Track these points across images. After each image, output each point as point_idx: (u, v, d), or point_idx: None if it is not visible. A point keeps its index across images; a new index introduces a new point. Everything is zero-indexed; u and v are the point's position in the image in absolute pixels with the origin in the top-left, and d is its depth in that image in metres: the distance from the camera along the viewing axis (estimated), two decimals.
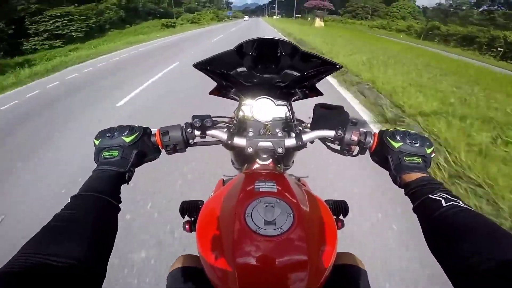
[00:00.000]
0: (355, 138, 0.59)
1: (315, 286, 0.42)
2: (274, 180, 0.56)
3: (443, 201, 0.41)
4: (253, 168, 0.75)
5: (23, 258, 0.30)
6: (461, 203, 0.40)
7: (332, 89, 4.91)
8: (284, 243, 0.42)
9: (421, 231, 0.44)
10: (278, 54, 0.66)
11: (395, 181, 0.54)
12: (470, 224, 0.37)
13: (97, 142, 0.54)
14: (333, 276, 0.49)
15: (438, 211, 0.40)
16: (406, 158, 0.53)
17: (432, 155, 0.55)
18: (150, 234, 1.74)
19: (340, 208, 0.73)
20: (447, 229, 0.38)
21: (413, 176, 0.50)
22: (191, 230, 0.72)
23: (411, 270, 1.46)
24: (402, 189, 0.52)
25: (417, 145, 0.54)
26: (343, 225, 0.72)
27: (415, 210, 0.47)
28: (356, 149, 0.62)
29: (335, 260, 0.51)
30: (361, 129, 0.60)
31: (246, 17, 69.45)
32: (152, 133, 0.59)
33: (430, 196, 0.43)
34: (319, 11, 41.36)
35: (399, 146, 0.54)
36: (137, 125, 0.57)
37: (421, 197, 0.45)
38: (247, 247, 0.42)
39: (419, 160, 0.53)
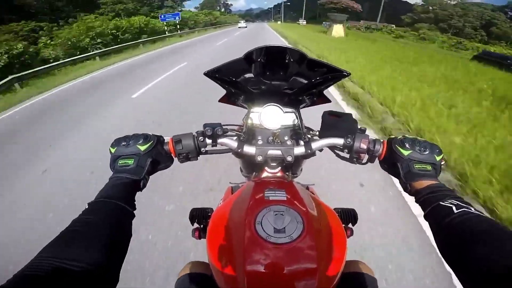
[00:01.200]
0: (364, 146, 0.59)
1: None
2: (283, 189, 0.57)
3: (454, 208, 0.41)
4: (262, 176, 0.76)
5: (40, 262, 0.31)
6: (472, 209, 0.40)
7: None
8: (293, 251, 0.43)
9: (433, 238, 0.44)
10: (286, 61, 0.67)
11: (405, 189, 0.54)
12: (482, 230, 0.37)
13: (113, 150, 0.55)
14: (343, 284, 0.49)
15: (449, 217, 0.40)
16: (416, 166, 0.53)
17: (442, 163, 0.55)
18: None
19: (349, 216, 0.73)
20: (459, 236, 0.38)
21: (424, 183, 0.50)
22: (200, 237, 0.73)
23: None
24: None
25: (427, 152, 0.54)
26: (352, 233, 0.72)
27: (426, 217, 0.46)
28: (365, 157, 0.63)
29: (345, 268, 0.51)
30: (370, 137, 0.60)
31: (242, 23, 45.74)
32: (165, 141, 0.61)
33: (441, 203, 0.43)
34: (337, 14, 26.34)
35: (409, 154, 0.54)
36: (151, 134, 0.59)
37: (432, 204, 0.45)
38: (257, 255, 0.42)
39: (429, 167, 0.53)
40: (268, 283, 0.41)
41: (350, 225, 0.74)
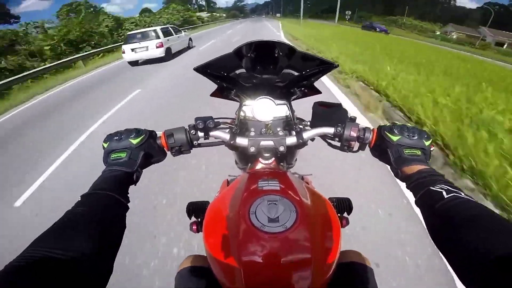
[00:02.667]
0: (354, 134, 0.60)
1: (319, 283, 0.43)
2: (276, 178, 0.57)
3: (444, 193, 0.41)
4: (256, 167, 0.76)
5: (32, 252, 0.31)
6: (462, 194, 0.41)
7: None
8: (288, 240, 0.43)
9: (424, 223, 0.44)
10: (276, 55, 0.68)
11: (396, 174, 0.54)
12: (472, 215, 0.37)
13: (105, 145, 0.56)
14: (339, 273, 0.49)
15: (440, 202, 0.40)
16: (406, 151, 0.53)
17: (432, 149, 0.56)
18: None
19: (344, 205, 0.73)
20: (449, 221, 0.38)
21: (414, 168, 0.50)
22: (198, 230, 0.73)
23: None
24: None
25: (415, 137, 0.55)
26: (347, 223, 0.73)
27: (417, 203, 0.47)
28: (356, 145, 0.63)
29: (341, 258, 0.52)
30: (360, 125, 0.61)
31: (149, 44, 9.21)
32: (158, 135, 0.61)
33: (431, 188, 0.44)
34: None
35: (398, 139, 0.55)
36: (143, 128, 0.60)
37: (422, 190, 0.45)
38: (252, 245, 0.43)
39: (419, 152, 0.53)
40: (264, 272, 0.42)
41: (345, 215, 0.74)
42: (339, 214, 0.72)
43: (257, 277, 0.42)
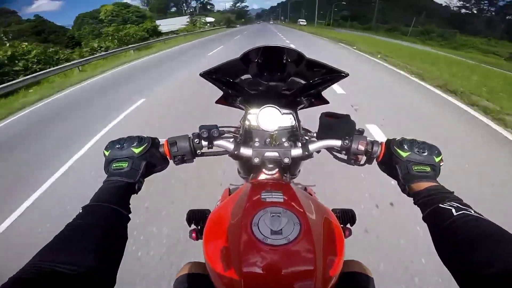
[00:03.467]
0: (362, 147, 0.58)
1: None
2: (280, 190, 0.56)
3: (453, 210, 0.40)
4: (259, 177, 0.75)
5: (36, 266, 0.31)
6: (472, 211, 0.40)
7: None
8: (291, 253, 0.42)
9: (431, 240, 0.43)
10: (284, 62, 0.67)
11: (403, 190, 0.53)
12: (482, 233, 0.36)
13: (107, 153, 0.55)
14: (341, 284, 0.48)
15: (449, 220, 0.40)
16: (415, 167, 0.52)
17: (441, 164, 0.54)
18: None
19: (347, 216, 0.72)
20: (458, 239, 0.37)
21: (422, 185, 0.49)
22: (197, 238, 0.72)
23: None
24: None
25: (425, 154, 0.53)
26: (350, 234, 0.71)
27: (425, 219, 0.46)
28: (363, 158, 0.62)
29: (343, 268, 0.51)
30: (368, 139, 0.60)
31: None
32: (161, 143, 0.60)
33: (440, 205, 0.43)
34: None
35: (407, 156, 0.53)
36: (145, 136, 0.58)
37: (431, 207, 0.44)
38: (254, 257, 0.42)
39: (428, 169, 0.52)
40: (265, 285, 0.41)
41: (348, 225, 0.73)
42: (342, 225, 0.71)
43: None
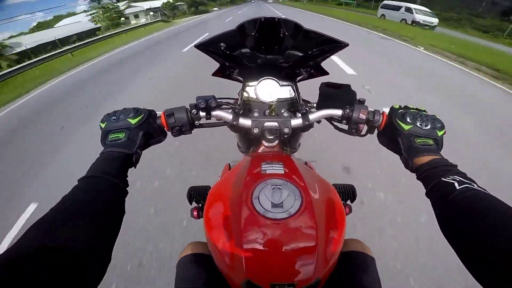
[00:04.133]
0: (363, 116, 0.57)
1: (323, 272, 0.42)
2: (281, 162, 0.55)
3: (456, 184, 0.39)
4: (259, 150, 0.74)
5: (28, 242, 0.30)
6: (475, 185, 0.39)
7: None
8: (292, 227, 0.42)
9: (434, 216, 0.42)
10: (281, 34, 0.64)
11: (406, 165, 0.52)
12: (485, 208, 0.35)
13: (103, 125, 0.54)
14: (341, 263, 0.48)
15: (452, 194, 0.39)
16: (417, 140, 0.51)
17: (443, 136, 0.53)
18: None
19: (348, 192, 0.72)
20: (461, 213, 0.36)
21: (425, 158, 0.48)
22: (199, 216, 0.72)
23: None
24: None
25: (428, 127, 0.52)
26: (350, 211, 0.71)
27: (428, 194, 0.45)
28: (364, 128, 0.61)
29: (343, 247, 0.50)
30: (369, 108, 0.59)
31: None
32: (158, 115, 0.59)
33: (443, 179, 0.42)
34: None
35: (409, 129, 0.52)
36: (142, 108, 0.57)
37: (434, 181, 0.43)
38: (255, 232, 0.41)
39: (431, 142, 0.51)
40: (266, 261, 0.40)
41: (348, 202, 0.73)
42: (343, 201, 0.71)
43: (259, 265, 0.40)
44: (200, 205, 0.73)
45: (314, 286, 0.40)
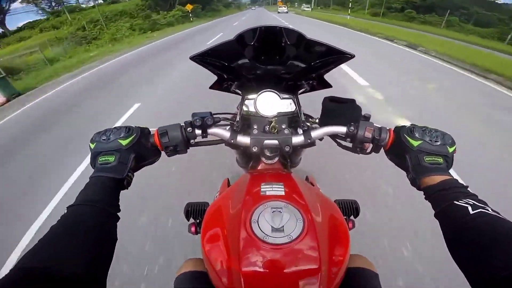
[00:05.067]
0: (369, 134, 0.54)
1: None
2: (281, 182, 0.53)
3: (470, 208, 0.38)
4: (259, 167, 0.72)
5: (22, 272, 0.29)
6: (489, 210, 0.37)
7: None
8: (293, 252, 0.40)
9: (444, 239, 0.40)
10: (283, 44, 0.61)
11: (413, 183, 0.49)
12: (500, 233, 0.34)
13: (92, 146, 0.51)
14: (345, 280, 0.46)
15: (464, 218, 0.37)
16: (426, 158, 0.48)
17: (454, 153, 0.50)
18: None
19: (350, 208, 0.70)
20: (474, 239, 0.35)
21: (435, 179, 0.45)
22: (196, 232, 0.70)
23: None
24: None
25: (438, 143, 0.49)
26: (354, 226, 0.69)
27: (437, 216, 0.43)
28: (369, 146, 0.58)
29: (348, 263, 0.48)
30: (375, 125, 0.56)
31: None
32: (151, 133, 0.56)
33: (455, 202, 0.40)
34: None
35: (418, 145, 0.49)
36: (134, 126, 0.54)
37: (445, 203, 0.41)
38: (254, 256, 0.40)
39: (441, 160, 0.48)
40: (267, 284, 0.39)
41: (352, 217, 0.70)
42: (345, 217, 0.68)
43: None
44: (198, 221, 0.71)
45: None
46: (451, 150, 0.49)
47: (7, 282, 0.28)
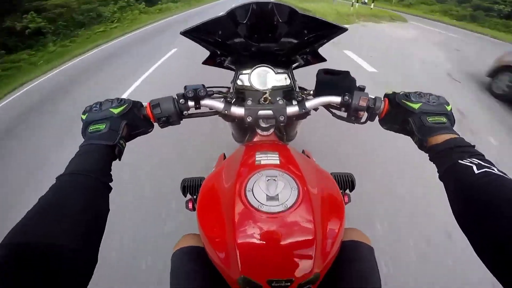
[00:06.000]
0: (363, 103, 0.54)
1: (321, 266, 0.40)
2: (276, 151, 0.53)
3: (474, 168, 0.36)
4: (254, 139, 0.72)
5: (11, 247, 0.28)
6: (495, 169, 0.35)
7: None
8: (288, 221, 0.40)
9: (448, 201, 0.39)
10: (275, 22, 0.60)
11: (421, 146, 0.48)
12: (506, 195, 0.32)
13: (84, 117, 0.50)
14: (340, 253, 0.47)
15: (469, 179, 0.35)
16: (429, 119, 0.47)
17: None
18: None
19: (346, 181, 0.70)
20: (479, 201, 0.33)
21: (441, 137, 0.44)
22: (194, 208, 0.70)
23: None
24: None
25: (436, 103, 0.49)
26: (349, 200, 0.70)
27: (441, 177, 0.42)
28: (364, 116, 0.58)
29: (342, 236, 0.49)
30: (370, 96, 0.55)
31: None
32: (144, 106, 0.55)
33: (460, 161, 0.38)
34: None
35: (420, 107, 0.49)
36: (126, 98, 0.53)
37: (449, 163, 0.40)
38: (249, 226, 0.39)
39: (444, 119, 0.48)
40: (263, 256, 0.39)
41: (347, 191, 0.71)
42: (341, 191, 0.69)
43: (255, 261, 0.39)
44: (195, 197, 0.71)
45: (313, 281, 0.39)
46: (448, 108, 0.50)
47: None
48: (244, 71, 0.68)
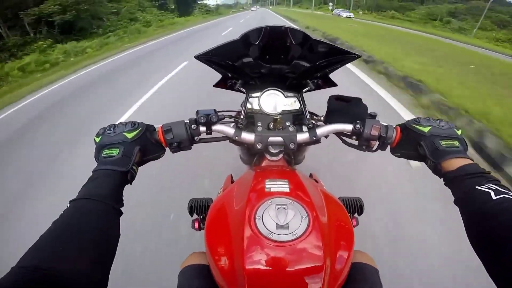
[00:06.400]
0: (375, 132, 0.54)
1: None
2: (286, 179, 0.53)
3: (492, 194, 0.35)
4: (263, 163, 0.72)
5: (23, 271, 0.28)
6: None
7: None
8: (298, 249, 0.39)
9: (463, 226, 0.38)
10: (288, 44, 0.61)
11: (435, 170, 0.48)
12: None
13: (97, 140, 0.51)
14: (348, 275, 0.46)
15: (486, 204, 0.35)
16: (443, 142, 0.47)
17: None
18: None
19: (355, 205, 0.69)
20: (496, 226, 0.33)
21: (455, 163, 0.44)
22: (200, 228, 0.70)
23: None
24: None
25: (445, 127, 0.49)
26: (357, 223, 0.69)
27: (457, 202, 0.41)
28: (375, 144, 0.57)
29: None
30: (382, 123, 0.55)
31: None
32: (156, 130, 0.56)
33: (477, 187, 0.38)
34: None
35: (430, 130, 0.49)
36: (139, 121, 0.54)
37: (466, 189, 0.39)
38: (258, 254, 0.39)
39: (456, 143, 0.47)
40: (270, 282, 0.38)
41: (355, 215, 0.70)
42: (349, 214, 0.68)
43: (262, 287, 0.38)
44: (201, 217, 0.71)
45: None
46: (459, 132, 0.49)
47: (7, 282, 0.27)
48: (254, 94, 0.68)
